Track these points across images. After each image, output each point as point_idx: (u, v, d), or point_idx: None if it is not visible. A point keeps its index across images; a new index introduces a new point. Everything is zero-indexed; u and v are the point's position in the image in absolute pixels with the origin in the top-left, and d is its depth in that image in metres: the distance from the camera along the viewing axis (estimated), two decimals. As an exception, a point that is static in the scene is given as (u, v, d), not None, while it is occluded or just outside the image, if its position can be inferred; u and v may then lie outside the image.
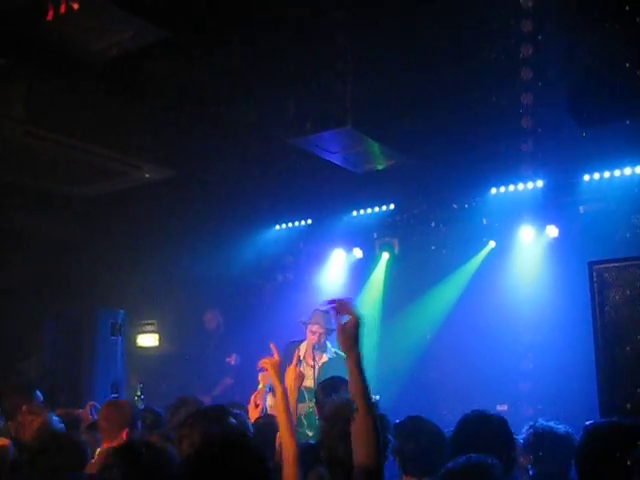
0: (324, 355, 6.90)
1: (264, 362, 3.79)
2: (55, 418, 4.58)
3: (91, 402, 5.60)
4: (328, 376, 6.48)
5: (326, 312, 6.90)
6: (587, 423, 2.98)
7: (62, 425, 4.53)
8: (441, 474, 2.84)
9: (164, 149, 7.34)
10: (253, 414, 4.45)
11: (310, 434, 5.65)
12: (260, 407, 4.57)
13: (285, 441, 3.22)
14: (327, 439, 3.03)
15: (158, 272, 8.88)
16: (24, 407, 5.09)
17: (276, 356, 3.81)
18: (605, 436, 2.57)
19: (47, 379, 7.25)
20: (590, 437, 2.62)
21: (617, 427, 2.65)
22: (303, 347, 6.93)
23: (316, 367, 6.74)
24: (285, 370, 4.02)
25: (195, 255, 8.92)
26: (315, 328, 6.85)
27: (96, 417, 5.10)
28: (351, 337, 2.79)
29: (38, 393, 5.78)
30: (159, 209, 8.39)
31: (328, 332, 6.82)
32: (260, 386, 4.82)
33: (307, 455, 3.34)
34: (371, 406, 2.69)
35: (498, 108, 6.29)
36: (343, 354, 2.79)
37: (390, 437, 3.28)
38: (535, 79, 5.76)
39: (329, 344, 6.93)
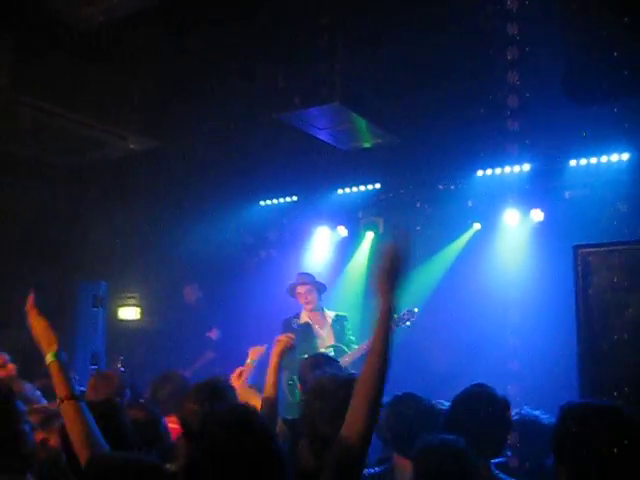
0: (327, 313, 7.08)
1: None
2: (29, 385, 4.51)
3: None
4: (339, 334, 6.89)
5: (308, 274, 7.23)
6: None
7: (38, 392, 4.47)
8: (415, 451, 2.87)
9: (149, 120, 7.25)
10: (235, 384, 4.42)
11: None
12: (242, 380, 4.52)
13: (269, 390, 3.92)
14: (310, 413, 3.04)
15: (141, 245, 8.81)
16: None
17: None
18: (578, 416, 2.58)
19: (26, 350, 7.17)
20: (564, 417, 2.63)
21: (591, 408, 2.67)
22: (304, 315, 6.97)
23: (327, 325, 6.96)
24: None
25: (178, 229, 8.86)
26: (302, 288, 6.92)
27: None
28: (391, 279, 2.65)
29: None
30: (143, 181, 8.31)
31: (317, 289, 7.00)
32: (248, 361, 4.75)
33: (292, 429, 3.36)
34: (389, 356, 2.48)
35: (486, 90, 6.28)
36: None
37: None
38: (524, 61, 5.74)
39: (325, 308, 7.13)
